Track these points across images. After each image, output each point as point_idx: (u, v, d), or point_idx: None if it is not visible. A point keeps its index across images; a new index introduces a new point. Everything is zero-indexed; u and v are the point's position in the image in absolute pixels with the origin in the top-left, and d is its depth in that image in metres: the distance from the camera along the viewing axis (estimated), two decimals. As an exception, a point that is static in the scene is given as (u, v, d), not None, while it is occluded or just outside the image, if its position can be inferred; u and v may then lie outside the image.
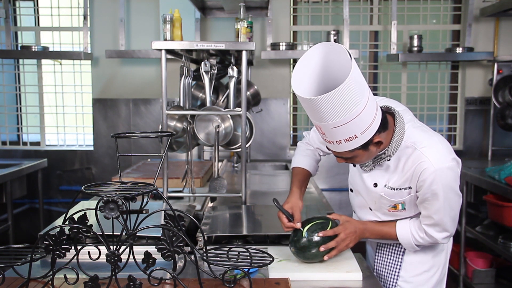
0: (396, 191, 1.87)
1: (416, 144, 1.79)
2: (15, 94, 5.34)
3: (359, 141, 1.66)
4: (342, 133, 1.62)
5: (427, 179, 1.77)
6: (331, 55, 1.61)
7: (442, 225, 1.86)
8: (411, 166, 1.80)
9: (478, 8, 4.84)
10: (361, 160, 1.81)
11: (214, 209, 2.65)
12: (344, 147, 1.68)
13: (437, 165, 1.75)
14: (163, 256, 1.54)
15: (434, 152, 1.77)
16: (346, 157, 1.77)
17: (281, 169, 4.55)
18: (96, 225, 1.57)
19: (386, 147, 1.80)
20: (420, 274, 2.03)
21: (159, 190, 1.58)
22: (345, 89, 1.51)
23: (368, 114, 1.62)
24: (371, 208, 2.01)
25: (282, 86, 5.00)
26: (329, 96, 1.52)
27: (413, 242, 1.92)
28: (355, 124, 1.60)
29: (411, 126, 1.84)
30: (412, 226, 1.93)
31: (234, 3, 3.76)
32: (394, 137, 1.78)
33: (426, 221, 1.88)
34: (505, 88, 4.68)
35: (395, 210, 1.93)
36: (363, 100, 1.58)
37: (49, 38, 5.25)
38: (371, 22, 5.21)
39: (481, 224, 4.09)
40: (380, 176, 1.90)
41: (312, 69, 1.64)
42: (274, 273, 1.78)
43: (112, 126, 5.10)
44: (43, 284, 1.61)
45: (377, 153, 1.80)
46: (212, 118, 2.74)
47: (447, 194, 1.80)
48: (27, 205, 5.11)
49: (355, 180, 2.04)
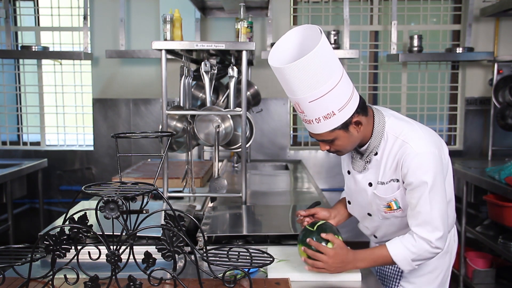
0: (387, 185, 1.86)
1: (398, 133, 1.82)
2: (15, 94, 5.35)
3: (338, 119, 1.71)
4: (319, 109, 1.68)
5: (410, 165, 1.76)
6: (307, 35, 1.69)
7: (431, 222, 1.77)
8: (395, 155, 1.81)
9: (478, 8, 4.84)
10: (343, 146, 1.80)
11: (214, 209, 2.65)
12: (324, 126, 1.72)
13: (419, 149, 1.76)
14: (163, 256, 1.54)
15: (415, 138, 1.79)
16: (327, 141, 1.79)
17: (281, 169, 4.54)
18: (96, 225, 1.57)
19: (369, 138, 1.84)
20: (424, 275, 2.02)
21: (159, 190, 1.58)
22: (312, 60, 1.59)
23: (343, 92, 1.69)
24: (370, 213, 1.99)
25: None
26: (298, 65, 1.59)
27: (408, 256, 1.78)
28: (331, 99, 1.66)
29: (393, 118, 1.87)
30: (403, 239, 1.82)
31: (234, 3, 3.76)
32: (375, 126, 1.83)
33: (414, 220, 1.80)
34: (505, 88, 4.68)
35: (390, 210, 1.90)
36: (335, 75, 1.65)
37: (49, 38, 5.25)
38: (371, 22, 5.21)
39: (481, 224, 4.09)
40: (373, 174, 1.90)
41: (288, 47, 1.72)
42: (274, 273, 1.78)
43: (112, 126, 5.10)
44: (43, 284, 1.61)
45: (358, 140, 1.82)
46: (212, 118, 2.74)
47: (432, 182, 1.75)
48: (27, 205, 5.11)
49: (350, 188, 2.03)
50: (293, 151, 5.17)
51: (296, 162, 4.65)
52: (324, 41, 1.61)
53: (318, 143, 1.96)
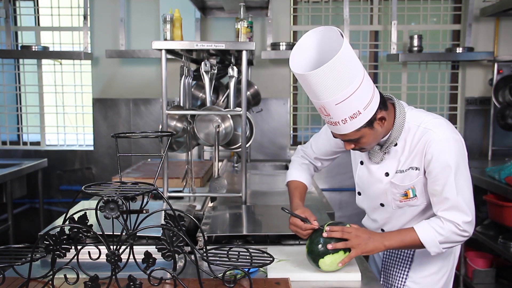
0: (405, 173, 1.87)
1: (419, 123, 1.85)
2: (15, 94, 5.34)
3: (363, 118, 1.71)
4: (346, 109, 1.67)
5: (434, 151, 1.79)
6: (326, 38, 1.69)
7: (458, 207, 1.79)
8: (417, 142, 1.83)
9: (478, 8, 4.83)
10: (368, 142, 1.81)
11: (214, 209, 2.65)
12: (350, 126, 1.72)
13: (443, 135, 1.80)
14: (163, 256, 1.54)
15: (437, 125, 1.83)
16: (353, 140, 1.79)
17: (281, 169, 4.54)
18: (96, 225, 1.57)
19: (390, 130, 1.84)
20: (429, 276, 2.02)
21: (159, 190, 1.58)
22: (337, 64, 1.59)
23: (367, 90, 1.69)
24: (383, 203, 1.98)
25: (282, 86, 5.00)
26: (323, 70, 1.59)
27: (436, 238, 1.79)
28: (356, 99, 1.66)
29: (412, 109, 1.91)
30: (430, 222, 1.82)
31: (234, 3, 3.76)
32: (397, 118, 1.84)
33: (441, 206, 1.81)
34: (505, 88, 4.68)
35: (406, 199, 1.91)
36: (358, 75, 1.66)
37: (49, 38, 5.24)
38: (371, 22, 5.21)
39: (481, 224, 4.09)
40: (390, 165, 1.91)
41: (308, 51, 1.72)
42: (274, 273, 1.78)
43: (112, 126, 5.10)
44: (43, 284, 1.61)
45: (382, 135, 1.83)
46: (212, 118, 2.74)
47: (456, 166, 1.79)
48: (27, 205, 5.11)
49: (363, 179, 2.02)
50: (293, 151, 5.16)
51: (296, 162, 4.65)
52: (346, 43, 1.61)
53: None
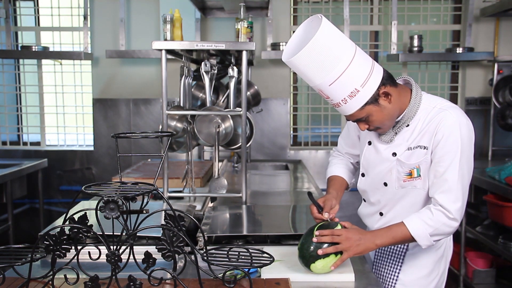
0: (413, 150, 1.89)
1: (434, 104, 1.88)
2: (15, 94, 5.34)
3: (364, 95, 1.73)
4: (342, 89, 1.71)
5: (445, 130, 1.81)
6: (311, 26, 1.73)
7: (455, 190, 1.81)
8: (429, 121, 1.85)
9: (478, 8, 4.83)
10: (379, 120, 1.82)
11: (214, 209, 2.65)
12: (353, 105, 1.75)
13: (456, 118, 1.83)
14: (163, 256, 1.53)
15: (453, 108, 1.87)
16: (362, 119, 1.81)
17: (281, 169, 4.55)
18: (96, 225, 1.57)
19: (404, 110, 1.87)
20: (419, 279, 2.02)
21: (159, 190, 1.58)
22: (316, 46, 1.64)
23: (361, 67, 1.72)
24: (386, 182, 1.98)
25: (282, 86, 5.00)
26: (303, 54, 1.65)
27: (426, 230, 1.79)
28: (349, 78, 1.70)
29: (430, 95, 1.95)
30: (419, 214, 1.83)
31: (234, 3, 3.76)
32: (412, 98, 1.87)
33: (438, 188, 1.82)
34: (505, 88, 4.68)
35: (410, 178, 1.91)
36: (346, 54, 1.68)
37: (49, 38, 5.24)
38: (371, 22, 5.21)
39: (481, 224, 4.09)
40: (399, 145, 1.92)
41: (296, 42, 1.76)
42: (274, 273, 1.78)
43: (112, 126, 5.10)
44: (43, 284, 1.61)
45: (394, 112, 1.84)
46: (212, 118, 2.74)
47: (464, 151, 1.82)
48: (27, 205, 5.11)
49: (369, 158, 2.03)
50: (293, 151, 5.16)
51: (296, 162, 4.66)
52: (325, 26, 1.65)
53: (318, 142, 1.96)
